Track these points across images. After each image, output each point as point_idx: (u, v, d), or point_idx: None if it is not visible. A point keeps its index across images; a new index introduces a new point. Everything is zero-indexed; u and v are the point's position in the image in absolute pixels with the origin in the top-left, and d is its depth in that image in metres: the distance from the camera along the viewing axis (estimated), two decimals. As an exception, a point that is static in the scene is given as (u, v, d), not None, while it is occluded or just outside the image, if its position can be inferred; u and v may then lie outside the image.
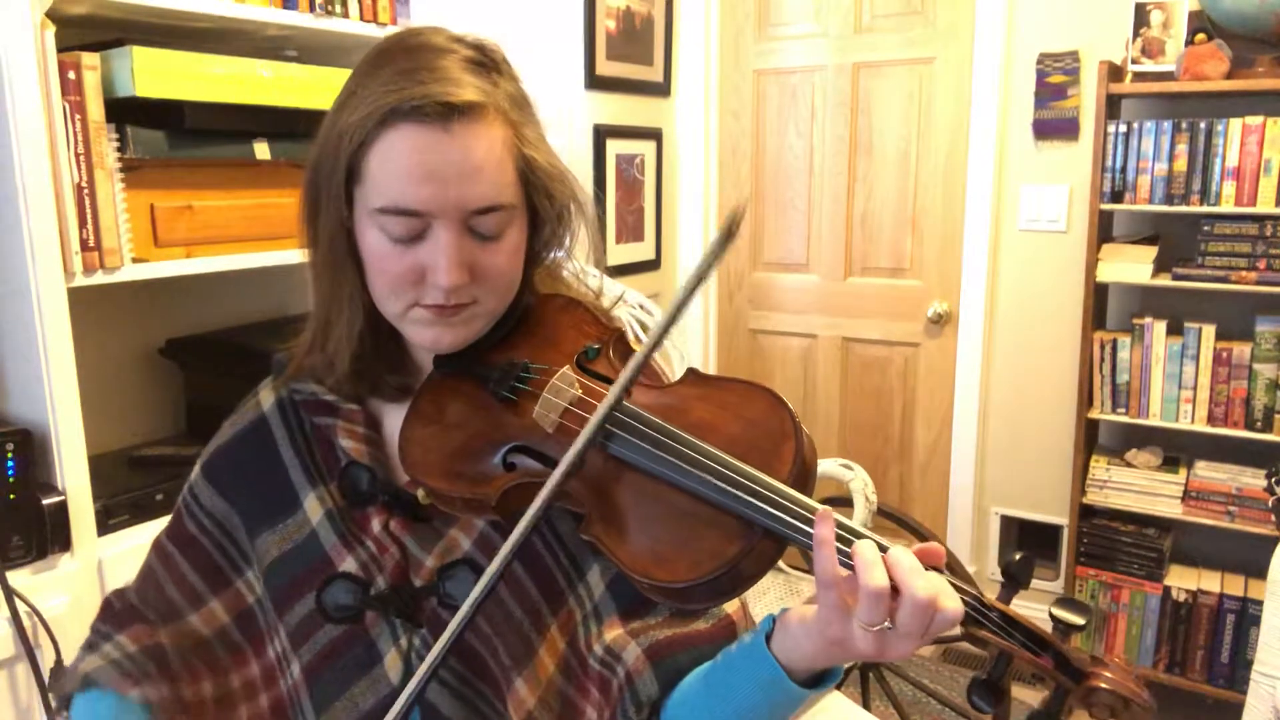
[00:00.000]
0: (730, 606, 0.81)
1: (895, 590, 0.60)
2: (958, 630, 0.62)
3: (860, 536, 0.63)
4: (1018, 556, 0.66)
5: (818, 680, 0.70)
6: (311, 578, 0.82)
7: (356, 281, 0.79)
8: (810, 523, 0.64)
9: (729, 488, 0.65)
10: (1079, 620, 0.63)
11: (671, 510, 0.67)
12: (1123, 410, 2.45)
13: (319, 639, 0.82)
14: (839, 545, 0.63)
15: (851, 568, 0.62)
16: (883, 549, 0.63)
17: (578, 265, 0.89)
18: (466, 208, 0.73)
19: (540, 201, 0.80)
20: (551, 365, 0.78)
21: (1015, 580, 0.65)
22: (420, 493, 0.79)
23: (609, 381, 0.76)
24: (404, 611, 0.80)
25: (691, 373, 0.76)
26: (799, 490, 0.66)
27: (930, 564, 0.62)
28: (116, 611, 0.90)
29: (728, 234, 0.65)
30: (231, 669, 0.86)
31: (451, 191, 0.72)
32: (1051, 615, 0.64)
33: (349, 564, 0.81)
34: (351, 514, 0.83)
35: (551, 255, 0.86)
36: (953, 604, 0.61)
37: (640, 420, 0.71)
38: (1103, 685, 0.61)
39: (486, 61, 0.76)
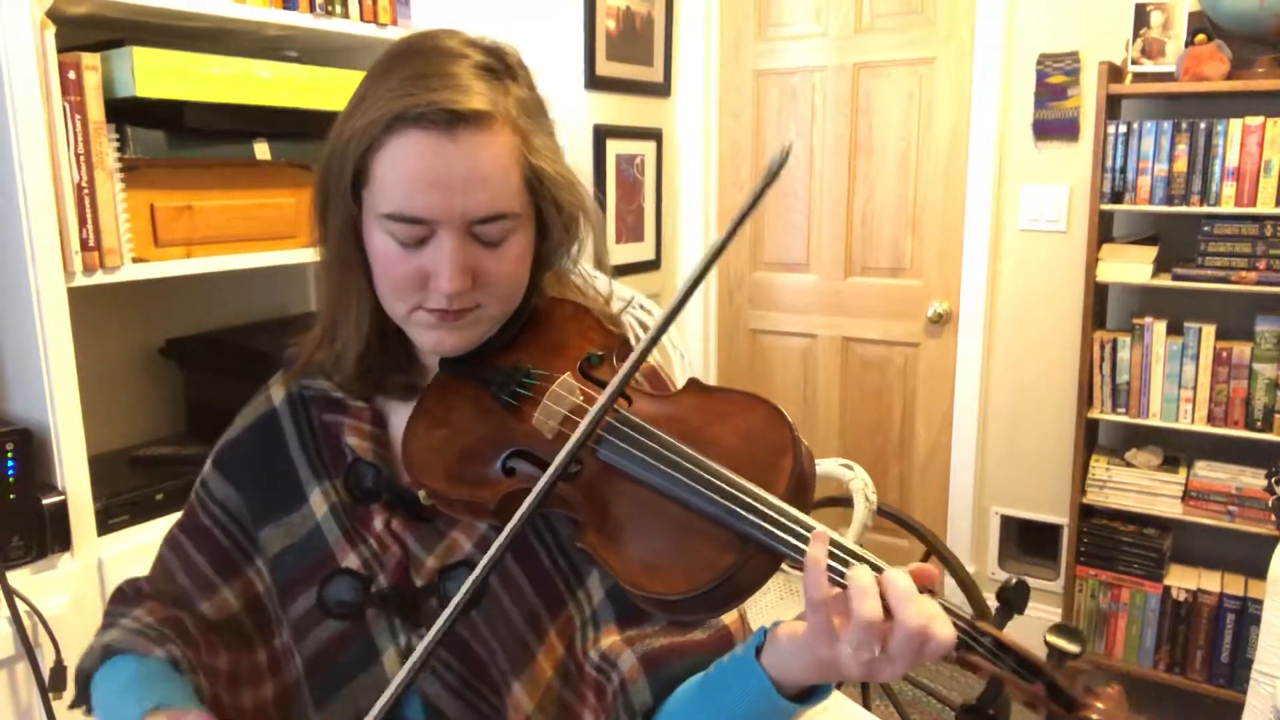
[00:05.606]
0: (728, 617, 0.80)
1: (888, 615, 0.59)
2: (950, 653, 0.61)
3: (858, 559, 0.62)
4: (1013, 581, 0.64)
5: (808, 694, 0.70)
6: (314, 572, 0.82)
7: (364, 281, 0.79)
8: (804, 539, 0.63)
9: (723, 501, 0.65)
10: (1074, 648, 0.61)
11: (666, 521, 0.67)
12: (1123, 410, 2.45)
13: (319, 634, 0.82)
14: (836, 565, 0.62)
15: (845, 588, 0.61)
16: (878, 570, 0.62)
17: (587, 269, 0.89)
18: (470, 216, 0.73)
19: (548, 209, 0.79)
20: (553, 371, 0.78)
21: (1010, 605, 0.63)
22: (422, 493, 0.79)
23: None
24: (405, 611, 0.80)
25: (693, 383, 0.76)
26: (796, 504, 0.65)
27: (923, 585, 0.61)
28: (129, 596, 0.90)
29: (780, 164, 0.64)
30: (242, 653, 0.86)
31: (456, 200, 0.72)
32: (1046, 642, 0.62)
33: (351, 560, 0.82)
34: (355, 511, 0.84)
35: (560, 260, 0.86)
36: (944, 631, 0.59)
37: (638, 430, 0.71)
38: (1094, 717, 0.59)
39: (499, 67, 0.76)
